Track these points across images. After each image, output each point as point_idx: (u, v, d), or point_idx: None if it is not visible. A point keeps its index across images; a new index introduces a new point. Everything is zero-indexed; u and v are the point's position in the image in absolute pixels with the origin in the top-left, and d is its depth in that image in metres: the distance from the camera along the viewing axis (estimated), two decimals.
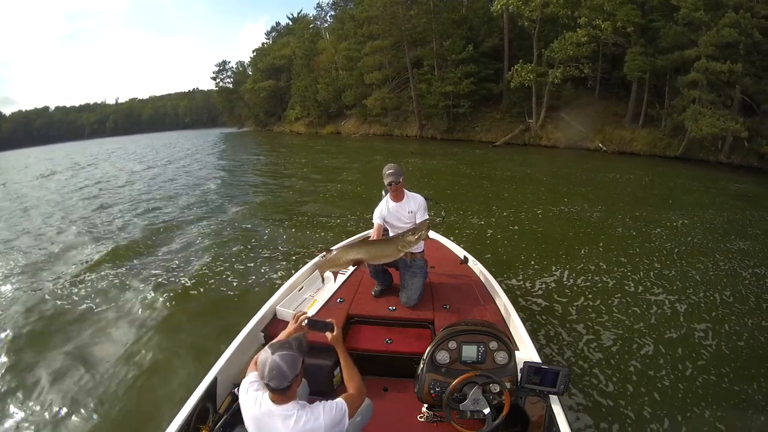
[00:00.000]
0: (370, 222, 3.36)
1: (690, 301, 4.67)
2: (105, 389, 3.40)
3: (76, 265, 6.44)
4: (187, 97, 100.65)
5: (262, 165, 19.36)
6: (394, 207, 3.13)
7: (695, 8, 16.06)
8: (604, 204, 9.39)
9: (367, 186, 11.71)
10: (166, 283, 5.47)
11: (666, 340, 3.90)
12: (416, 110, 27.29)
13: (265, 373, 1.49)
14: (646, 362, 3.59)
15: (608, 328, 4.12)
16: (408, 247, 2.69)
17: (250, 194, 12.07)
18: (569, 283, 5.13)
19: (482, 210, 8.79)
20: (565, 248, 6.47)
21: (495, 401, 2.00)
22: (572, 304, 4.60)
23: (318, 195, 11.20)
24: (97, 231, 8.62)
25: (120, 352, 3.91)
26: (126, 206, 11.01)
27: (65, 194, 14.29)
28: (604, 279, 5.26)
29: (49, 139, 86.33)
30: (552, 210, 8.84)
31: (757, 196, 10.79)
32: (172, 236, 7.73)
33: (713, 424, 2.94)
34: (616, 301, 4.66)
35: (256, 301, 3.58)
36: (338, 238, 5.92)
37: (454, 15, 25.78)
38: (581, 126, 20.10)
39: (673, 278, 5.28)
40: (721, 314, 4.38)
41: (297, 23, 48.14)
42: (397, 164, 3.04)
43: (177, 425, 1.90)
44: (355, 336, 2.77)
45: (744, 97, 16.28)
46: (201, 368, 2.45)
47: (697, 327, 4.11)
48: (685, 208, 8.97)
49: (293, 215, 8.85)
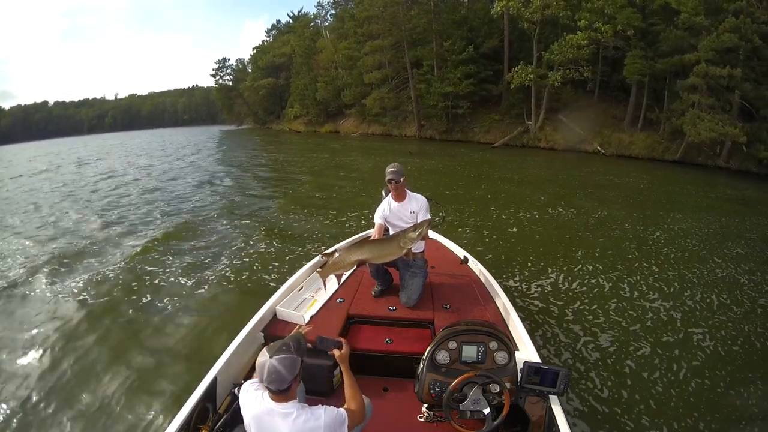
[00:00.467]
0: (369, 220, 3.33)
1: (686, 306, 4.65)
2: (104, 389, 3.38)
3: (66, 268, 6.28)
4: (186, 93, 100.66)
5: (262, 164, 19.26)
6: (396, 207, 3.14)
7: (696, 13, 16.08)
8: (601, 207, 9.37)
9: (365, 185, 11.68)
10: (166, 283, 5.43)
11: (663, 343, 3.89)
12: (415, 110, 27.24)
13: (264, 377, 1.50)
14: (642, 364, 3.59)
15: (605, 329, 4.12)
16: (410, 244, 2.67)
17: (251, 192, 11.96)
18: (565, 286, 5.10)
19: (480, 211, 8.75)
20: (563, 250, 6.45)
21: (495, 401, 1.99)
22: (571, 305, 4.59)
23: (317, 194, 11.14)
24: (97, 231, 8.43)
25: (119, 353, 3.88)
26: (122, 206, 10.82)
27: (67, 191, 14.15)
28: (602, 282, 5.23)
29: (48, 133, 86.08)
30: (550, 212, 8.80)
31: (755, 200, 10.81)
32: (174, 235, 7.66)
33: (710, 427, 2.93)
34: (613, 305, 4.65)
35: (255, 301, 3.57)
36: (336, 238, 5.91)
37: (454, 15, 25.77)
38: (580, 128, 20.08)
39: (671, 281, 5.27)
40: (718, 320, 4.35)
41: (297, 22, 48.05)
42: (400, 164, 3.06)
43: (177, 425, 1.89)
44: (355, 336, 2.76)
45: (743, 102, 16.30)
46: (201, 368, 2.45)
47: (695, 330, 4.11)
48: (683, 212, 8.94)
49: (293, 214, 8.76)
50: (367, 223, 7.44)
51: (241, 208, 9.82)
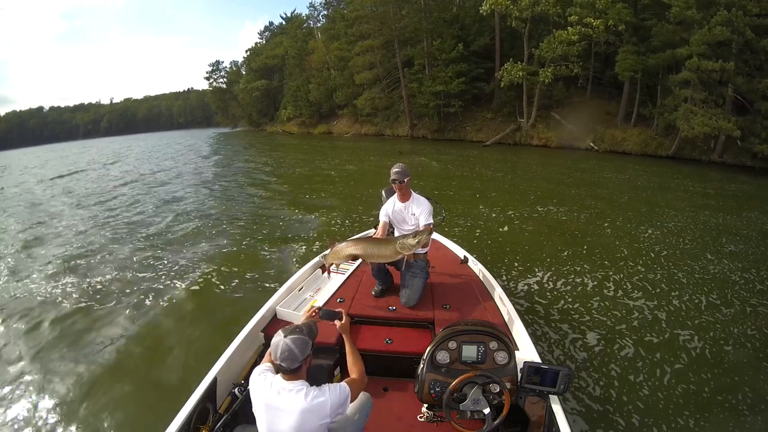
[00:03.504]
0: (363, 221, 3.15)
1: (672, 305, 4.52)
2: (104, 389, 3.39)
3: (64, 264, 6.38)
4: (181, 97, 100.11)
5: (254, 167, 18.96)
6: (399, 207, 3.18)
7: (687, 6, 15.91)
8: (595, 204, 9.20)
9: (357, 185, 11.50)
10: (163, 285, 5.41)
11: (647, 343, 3.80)
12: (407, 110, 27.00)
13: (278, 355, 1.60)
14: (636, 364, 3.52)
15: (592, 328, 4.05)
16: (407, 250, 2.68)
17: (243, 195, 11.85)
18: (564, 287, 4.95)
19: (469, 211, 8.52)
20: (552, 249, 6.26)
21: (495, 401, 2.00)
22: (571, 306, 4.51)
23: (309, 194, 11.02)
24: (84, 236, 8.28)
25: (118, 352, 3.91)
26: (115, 208, 10.75)
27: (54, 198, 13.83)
28: (587, 280, 5.09)
29: (43, 139, 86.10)
30: (540, 211, 8.59)
31: (750, 195, 10.59)
32: (167, 238, 7.67)
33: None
34: (595, 303, 4.54)
35: (255, 301, 3.63)
36: (323, 238, 6.25)
37: (445, 14, 25.56)
38: (573, 125, 19.93)
39: (670, 279, 5.15)
40: (705, 321, 4.20)
41: (290, 23, 47.79)
42: (405, 164, 3.11)
43: (177, 425, 1.89)
44: (355, 336, 2.73)
45: (737, 96, 16.15)
46: (201, 368, 2.46)
47: (680, 332, 3.99)
48: (677, 209, 8.76)
49: (285, 216, 8.70)
50: (361, 224, 7.47)
51: (235, 209, 9.80)
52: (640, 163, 16.14)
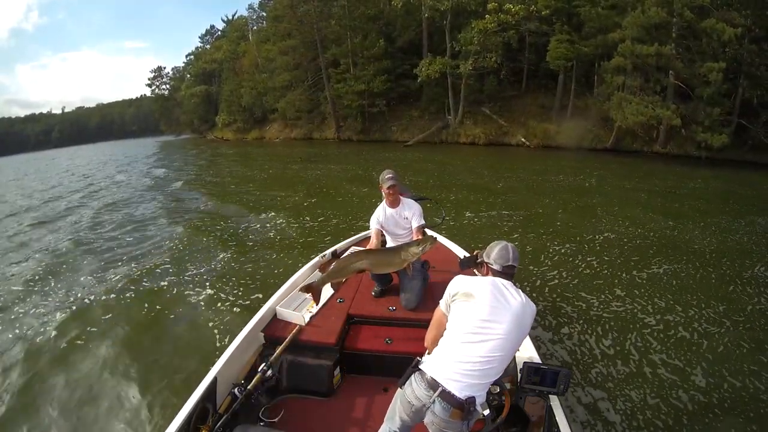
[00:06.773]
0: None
1: (674, 306, 4.09)
2: (104, 390, 3.21)
3: (71, 274, 5.83)
4: (134, 104, 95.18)
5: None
6: (390, 213, 3.05)
7: None
8: (508, 206, 7.92)
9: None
10: (161, 286, 5.02)
11: (647, 343, 3.53)
12: (332, 112, 24.61)
13: (510, 257, 1.69)
14: (636, 364, 3.28)
15: (592, 327, 3.72)
16: (412, 258, 2.51)
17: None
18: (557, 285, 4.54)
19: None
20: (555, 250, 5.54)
21: (495, 401, 1.92)
22: (570, 305, 4.16)
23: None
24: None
25: (118, 354, 3.66)
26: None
27: None
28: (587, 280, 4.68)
29: None
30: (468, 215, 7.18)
31: (698, 190, 9.22)
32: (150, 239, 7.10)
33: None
34: (595, 303, 4.14)
35: (255, 301, 3.84)
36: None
37: (369, 10, 23.37)
38: (503, 120, 18.26)
39: (662, 279, 4.77)
40: (705, 321, 3.81)
41: (230, 25, 45.05)
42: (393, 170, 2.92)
43: (177, 425, 1.83)
44: (355, 336, 2.71)
45: (678, 83, 14.37)
46: (201, 368, 2.50)
47: (682, 332, 3.65)
48: (610, 208, 7.60)
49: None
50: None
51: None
52: (574, 157, 14.51)
